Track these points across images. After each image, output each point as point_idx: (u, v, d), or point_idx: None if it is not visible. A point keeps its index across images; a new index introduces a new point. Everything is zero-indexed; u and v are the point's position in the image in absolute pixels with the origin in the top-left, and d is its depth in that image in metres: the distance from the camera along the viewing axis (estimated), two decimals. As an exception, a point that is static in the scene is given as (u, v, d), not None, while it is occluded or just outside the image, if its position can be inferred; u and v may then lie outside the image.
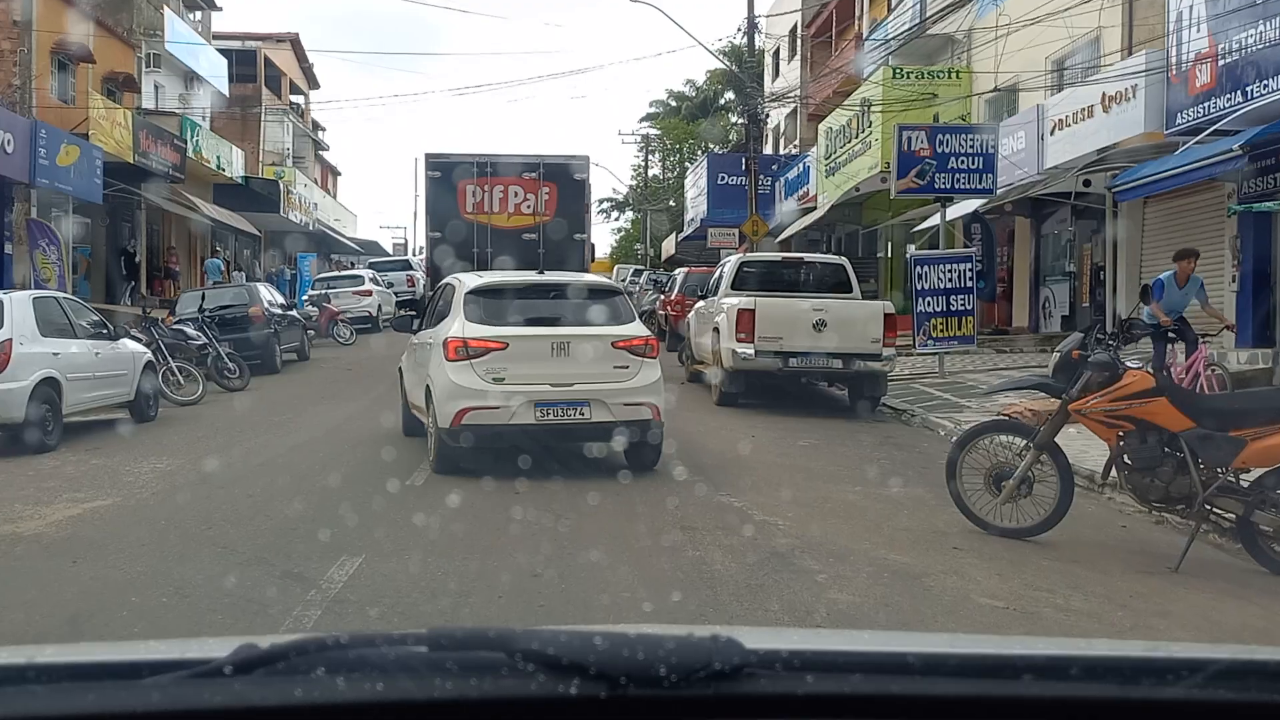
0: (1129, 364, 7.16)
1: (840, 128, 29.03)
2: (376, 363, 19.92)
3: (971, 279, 16.23)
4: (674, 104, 64.82)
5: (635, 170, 64.10)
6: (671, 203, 55.49)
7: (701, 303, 16.52)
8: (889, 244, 30.96)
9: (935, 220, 23.06)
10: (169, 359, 14.69)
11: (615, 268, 47.21)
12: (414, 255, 51.83)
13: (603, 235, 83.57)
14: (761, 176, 36.59)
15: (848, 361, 13.29)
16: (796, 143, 36.67)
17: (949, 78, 26.05)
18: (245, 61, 38.95)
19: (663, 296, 24.35)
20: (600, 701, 1.18)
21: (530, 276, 10.39)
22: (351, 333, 24.06)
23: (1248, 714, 1.29)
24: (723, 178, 36.34)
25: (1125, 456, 6.78)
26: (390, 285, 30.27)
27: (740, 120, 56.66)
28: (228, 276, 31.56)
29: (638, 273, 40.32)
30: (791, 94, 31.42)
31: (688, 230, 39.30)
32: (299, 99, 46.00)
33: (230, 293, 19.34)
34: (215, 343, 16.09)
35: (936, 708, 1.27)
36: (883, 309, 13.78)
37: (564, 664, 1.19)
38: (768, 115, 28.65)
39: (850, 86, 30.06)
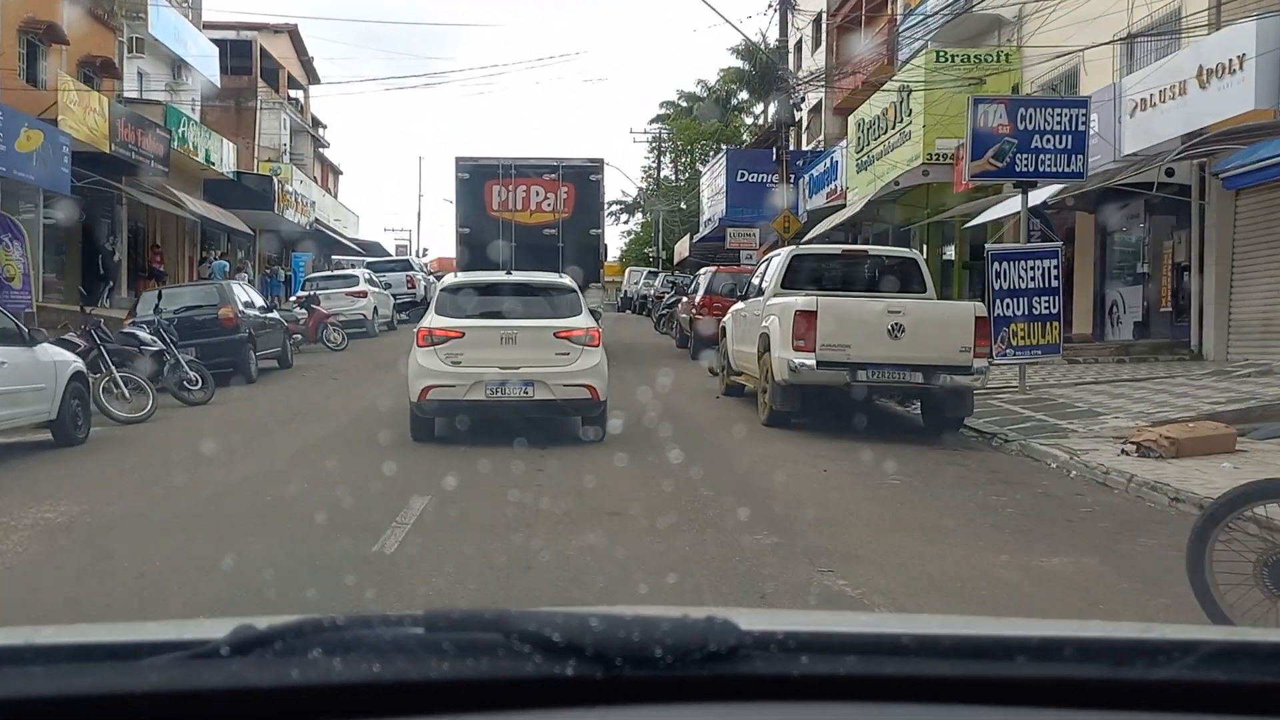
0: None
1: (874, 119, 26.46)
2: (367, 371, 17.34)
3: (1057, 278, 13.62)
4: (684, 104, 62.23)
5: (645, 171, 61.61)
6: (683, 204, 52.92)
7: (741, 304, 13.95)
8: (923, 244, 28.24)
9: (988, 216, 20.52)
10: (112, 368, 12.10)
11: (626, 271, 44.78)
12: (417, 256, 49.38)
13: (611, 239, 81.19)
14: (779, 175, 34.08)
15: (930, 375, 10.68)
16: (821, 138, 34.09)
17: (997, 61, 23.43)
18: (240, 52, 36.46)
19: (685, 298, 21.75)
20: (596, 682, 1.16)
21: (497, 276, 11.69)
22: (343, 337, 21.46)
23: (1240, 695, 1.26)
24: (743, 174, 33.80)
25: None
26: (388, 286, 27.65)
27: (757, 118, 54.39)
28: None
29: (652, 275, 37.82)
30: (820, 78, 28.70)
31: (704, 231, 36.69)
32: (298, 94, 43.48)
33: (197, 292, 16.75)
34: (174, 349, 13.50)
35: (931, 688, 1.24)
36: (973, 311, 11.20)
37: (560, 645, 1.16)
38: (804, 97, 25.97)
39: (883, 75, 27.52)
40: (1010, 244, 14.94)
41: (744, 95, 59.58)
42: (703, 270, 21.39)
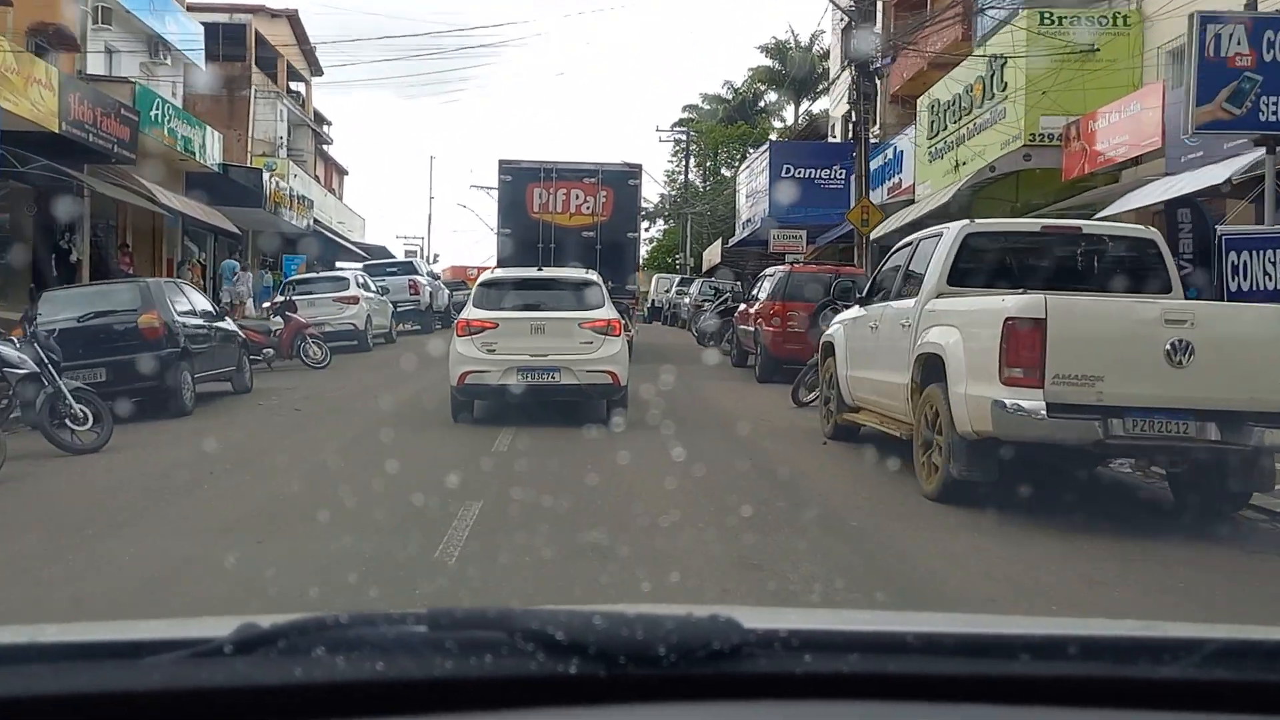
0: None
1: (951, 100, 22.06)
2: (345, 399, 13.06)
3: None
4: (707, 107, 57.83)
5: (669, 175, 57.14)
6: (708, 208, 48.52)
7: (855, 312, 9.57)
8: None
9: (1120, 206, 16.07)
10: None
11: (654, 279, 40.44)
12: (426, 260, 45.05)
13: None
14: (831, 169, 29.72)
15: (1232, 427, 6.25)
16: (877, 128, 29.67)
17: (1115, 25, 19.00)
18: (233, 37, 32.24)
19: (744, 306, 17.33)
20: (600, 680, 1.14)
21: (529, 272, 12.79)
22: (325, 352, 17.13)
23: (1245, 693, 1.24)
24: (788, 169, 29.46)
25: None
26: (386, 292, 23.26)
27: (787, 123, 49.91)
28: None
29: (685, 283, 33.38)
30: (910, 31, 24.10)
31: (742, 233, 32.24)
32: (299, 86, 39.26)
33: (113, 293, 12.35)
34: (53, 371, 9.16)
35: (934, 686, 1.22)
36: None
37: (564, 643, 1.14)
38: (891, 59, 21.56)
39: (959, 53, 23.17)
40: (1248, 226, 10.48)
41: (772, 97, 55.40)
42: (770, 271, 16.97)
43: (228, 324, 13.35)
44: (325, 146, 41.31)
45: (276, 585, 4.88)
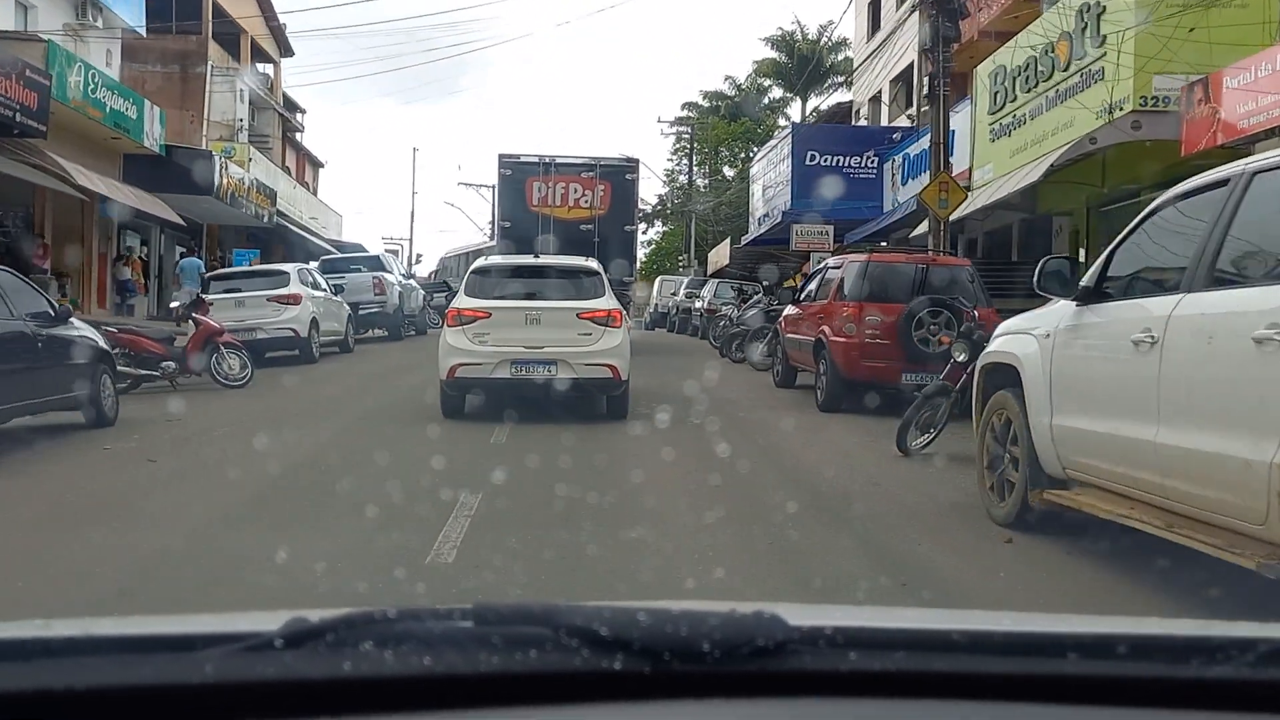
0: None
1: (1024, 64, 17.91)
2: (242, 440, 8.79)
3: None
4: (708, 105, 53.52)
5: (669, 175, 52.95)
6: (708, 206, 44.33)
7: (1061, 315, 5.32)
8: (1077, 244, 19.26)
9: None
10: None
11: (658, 281, 36.33)
12: (411, 261, 40.72)
13: (627, 250, 72.22)
14: (862, 157, 25.58)
15: None
16: (913, 109, 25.56)
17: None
18: (188, 8, 27.96)
19: (793, 309, 13.05)
20: (644, 676, 1.12)
21: (524, 259, 11.95)
22: (245, 366, 12.83)
23: None
24: (813, 156, 25.26)
25: None
26: (340, 291, 18.90)
27: (792, 114, 45.66)
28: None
29: (696, 284, 29.06)
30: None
31: (759, 230, 28.00)
32: (267, 68, 35.02)
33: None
34: None
35: (981, 685, 1.18)
36: None
37: (608, 639, 1.12)
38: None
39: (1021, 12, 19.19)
40: None
41: (777, 93, 51.24)
42: (834, 262, 12.68)
43: (73, 329, 9.04)
44: (297, 135, 36.98)
45: None
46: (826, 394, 11.20)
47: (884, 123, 28.11)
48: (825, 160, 25.18)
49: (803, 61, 43.62)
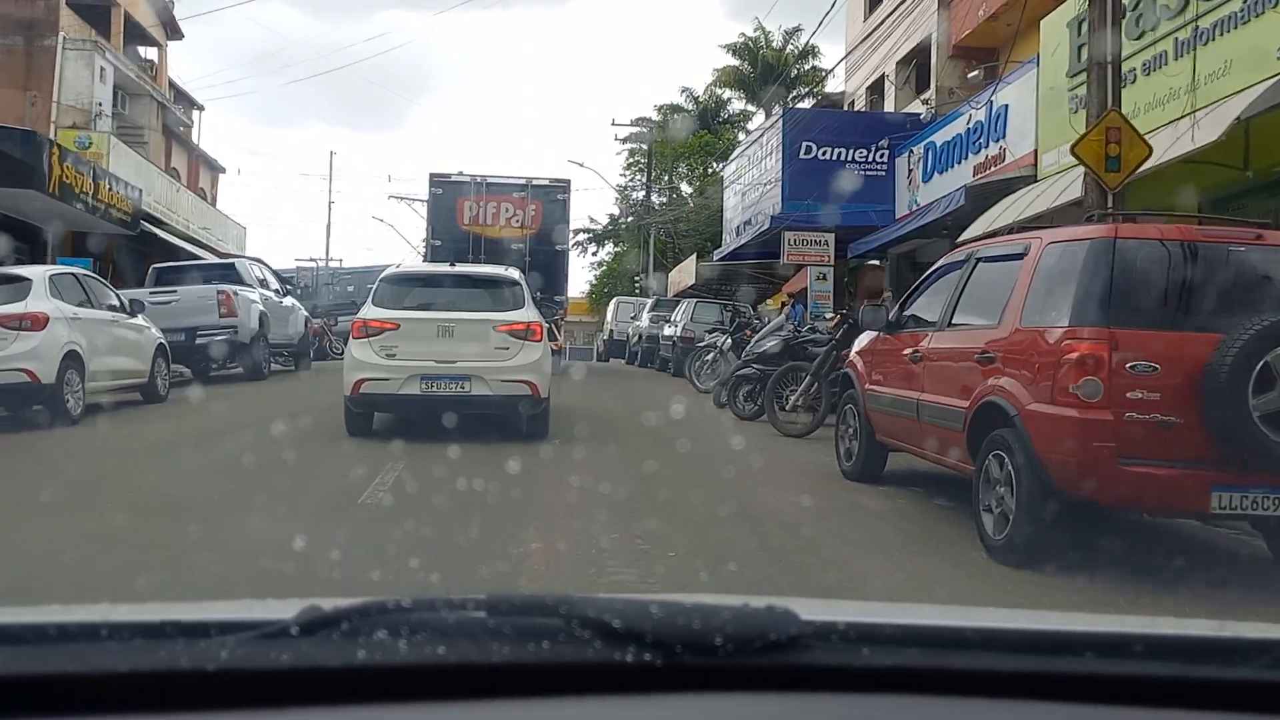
0: None
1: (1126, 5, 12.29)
2: None
3: None
4: (660, 119, 47.86)
5: (621, 193, 47.14)
6: (669, 220, 38.80)
7: None
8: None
9: None
10: None
11: (614, 303, 30.79)
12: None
13: (576, 272, 65.48)
14: (870, 149, 20.17)
15: None
16: (928, 95, 20.21)
17: None
18: (35, -35, 21.77)
19: (863, 342, 7.30)
20: (656, 669, 1.09)
21: (439, 268, 11.30)
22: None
23: None
24: (809, 148, 19.79)
25: None
26: (142, 309, 12.12)
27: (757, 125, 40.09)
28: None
29: (667, 305, 23.34)
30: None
31: (743, 237, 22.26)
32: (151, 53, 28.80)
33: None
34: None
35: (995, 683, 1.14)
36: None
37: (620, 631, 1.10)
38: None
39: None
40: None
41: (737, 106, 45.88)
42: (1001, 248, 6.33)
43: None
44: (185, 131, 30.60)
45: None
46: (1016, 529, 5.13)
47: (886, 106, 22.68)
48: (823, 154, 19.75)
49: (766, 70, 38.43)
